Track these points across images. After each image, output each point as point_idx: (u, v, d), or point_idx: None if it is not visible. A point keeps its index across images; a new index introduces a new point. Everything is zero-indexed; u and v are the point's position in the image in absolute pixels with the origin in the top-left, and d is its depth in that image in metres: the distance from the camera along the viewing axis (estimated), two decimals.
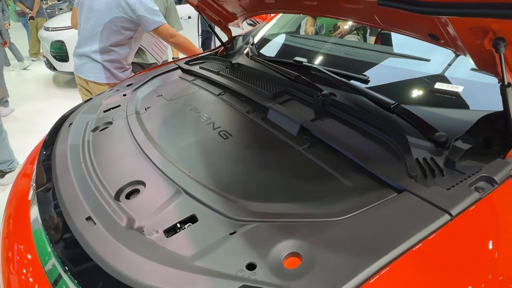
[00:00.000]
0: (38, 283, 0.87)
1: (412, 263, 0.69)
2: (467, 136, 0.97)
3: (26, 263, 0.95)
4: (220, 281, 0.71)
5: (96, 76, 2.39)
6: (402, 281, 0.68)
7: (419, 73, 1.31)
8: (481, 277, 0.68)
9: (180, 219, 0.92)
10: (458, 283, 0.68)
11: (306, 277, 0.69)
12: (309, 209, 0.87)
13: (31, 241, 0.99)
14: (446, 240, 0.72)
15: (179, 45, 2.41)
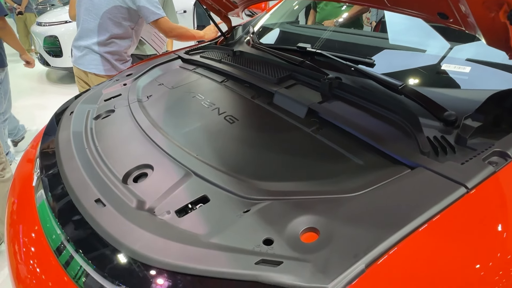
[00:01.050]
0: (48, 266, 0.85)
1: (431, 234, 0.69)
2: (476, 114, 0.97)
3: (34, 247, 0.94)
4: (238, 256, 0.71)
5: (97, 68, 2.37)
6: (422, 251, 0.67)
7: (422, 55, 1.32)
8: (498, 247, 0.68)
9: (191, 199, 0.91)
10: (477, 253, 0.68)
11: (325, 249, 0.68)
12: (322, 187, 0.87)
13: (38, 225, 0.98)
14: (463, 212, 0.72)
15: (179, 37, 2.40)
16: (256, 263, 0.68)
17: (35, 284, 0.85)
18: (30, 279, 0.87)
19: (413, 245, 0.67)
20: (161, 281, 0.71)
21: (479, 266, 0.67)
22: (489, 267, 0.67)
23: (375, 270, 0.64)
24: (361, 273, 0.63)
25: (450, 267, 0.66)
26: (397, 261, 0.66)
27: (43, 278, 0.85)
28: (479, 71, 1.17)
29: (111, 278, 0.73)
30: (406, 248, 0.67)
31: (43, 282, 0.84)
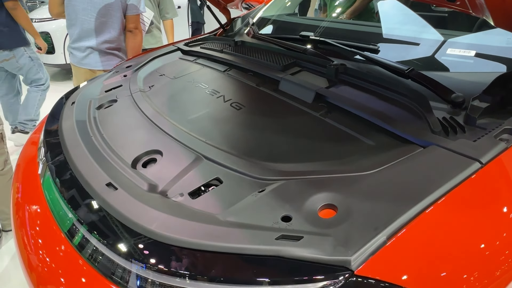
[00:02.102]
0: (62, 250, 0.84)
1: (449, 207, 0.70)
2: (484, 96, 0.98)
3: (45, 233, 0.92)
4: (258, 232, 0.70)
5: (106, 64, 2.34)
6: (441, 223, 0.68)
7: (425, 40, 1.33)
8: None
9: (204, 182, 0.90)
10: (493, 224, 0.69)
11: (345, 224, 0.68)
12: (336, 167, 0.87)
13: (48, 211, 0.96)
14: (479, 186, 0.74)
15: (136, 40, 2.39)
16: (277, 239, 0.68)
17: (49, 270, 0.84)
18: (43, 266, 0.86)
19: (432, 217, 0.68)
20: (180, 259, 0.70)
21: (495, 236, 0.68)
22: (504, 237, 0.68)
23: (396, 242, 0.65)
24: (382, 245, 0.64)
25: (468, 238, 0.67)
26: (417, 233, 0.66)
27: (57, 263, 0.84)
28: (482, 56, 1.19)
29: (128, 258, 0.73)
30: (426, 221, 0.68)
31: (57, 267, 0.82)
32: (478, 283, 0.64)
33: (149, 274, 0.70)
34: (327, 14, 2.51)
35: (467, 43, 1.24)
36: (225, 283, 0.65)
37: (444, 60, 1.25)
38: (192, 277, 0.67)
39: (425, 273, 0.63)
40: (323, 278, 0.62)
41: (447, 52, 1.24)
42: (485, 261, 0.66)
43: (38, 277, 0.85)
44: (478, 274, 0.64)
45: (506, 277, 0.66)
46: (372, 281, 0.61)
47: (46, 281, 0.83)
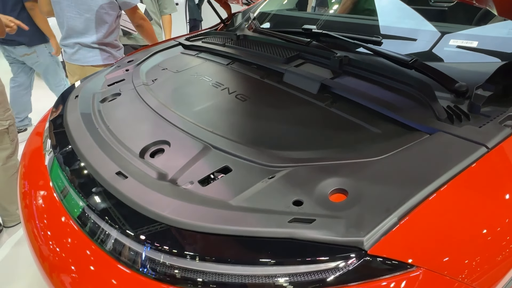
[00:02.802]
0: (74, 238, 0.85)
1: (458, 190, 0.72)
2: (487, 85, 1.00)
3: (56, 222, 0.93)
4: (270, 216, 0.72)
5: (94, 60, 2.34)
6: (451, 205, 0.70)
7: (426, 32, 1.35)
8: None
9: (213, 170, 0.91)
10: (500, 205, 0.70)
11: (356, 207, 0.70)
12: (344, 154, 0.88)
13: (56, 201, 0.97)
14: (486, 169, 0.75)
15: (145, 29, 2.41)
16: (289, 222, 0.69)
17: (61, 259, 0.84)
18: (55, 255, 0.86)
19: (441, 199, 0.70)
20: (194, 243, 0.71)
21: (502, 217, 0.69)
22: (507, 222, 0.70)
23: (407, 222, 0.66)
24: (394, 225, 0.65)
25: (476, 218, 0.68)
26: (426, 214, 0.68)
27: (69, 250, 0.84)
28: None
29: (142, 243, 0.74)
30: (435, 203, 0.69)
31: (70, 255, 0.83)
32: (480, 267, 0.65)
33: (163, 258, 0.70)
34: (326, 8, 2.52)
35: (469, 34, 1.26)
36: (239, 264, 0.66)
37: (446, 51, 1.26)
38: (207, 260, 0.68)
39: (434, 252, 0.64)
40: (337, 258, 0.63)
41: (449, 43, 1.26)
42: (488, 245, 0.68)
43: (51, 266, 0.85)
44: (480, 258, 0.66)
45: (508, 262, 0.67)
46: (385, 260, 0.62)
47: (59, 269, 0.83)
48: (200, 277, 0.67)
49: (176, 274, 0.68)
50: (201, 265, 0.67)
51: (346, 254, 0.63)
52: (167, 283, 0.68)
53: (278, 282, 0.63)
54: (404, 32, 1.46)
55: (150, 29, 2.44)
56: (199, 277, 0.67)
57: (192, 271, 0.67)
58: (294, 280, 0.63)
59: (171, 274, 0.69)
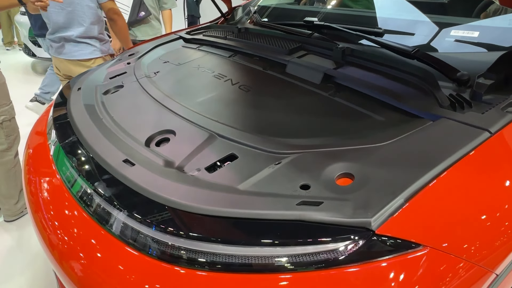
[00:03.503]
0: (83, 225, 0.86)
1: (462, 172, 0.73)
2: (488, 73, 1.01)
3: (65, 210, 0.94)
4: (278, 199, 0.73)
5: (79, 54, 2.32)
6: (455, 187, 0.71)
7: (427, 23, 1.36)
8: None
9: (220, 157, 0.92)
10: (503, 188, 0.72)
11: (363, 189, 0.71)
12: (349, 140, 0.90)
13: (64, 190, 0.97)
14: (489, 153, 0.77)
15: (117, 25, 2.36)
16: (297, 204, 0.70)
17: (71, 246, 0.85)
18: (64, 243, 0.87)
19: (447, 181, 0.71)
20: (203, 226, 0.72)
21: (505, 199, 0.71)
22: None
23: (413, 204, 0.67)
24: (401, 206, 0.67)
25: (481, 200, 0.70)
26: (433, 196, 0.69)
27: (80, 237, 0.85)
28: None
29: (152, 227, 0.75)
30: (440, 185, 0.71)
31: (81, 242, 0.84)
32: (485, 247, 0.67)
33: (173, 241, 0.71)
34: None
35: (470, 25, 1.27)
36: (249, 246, 0.67)
37: (448, 42, 1.28)
38: (217, 242, 0.69)
39: (440, 232, 0.66)
40: (345, 238, 0.64)
41: (450, 33, 1.27)
42: (493, 225, 0.69)
43: (61, 254, 0.86)
44: (485, 238, 0.67)
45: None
46: (392, 239, 0.64)
47: (69, 257, 0.84)
48: (211, 258, 0.68)
49: (188, 256, 0.69)
50: (212, 247, 0.69)
51: (354, 234, 0.64)
52: (179, 265, 0.69)
53: (287, 262, 0.64)
54: (405, 23, 1.47)
55: (122, 25, 2.39)
56: (210, 258, 0.68)
57: (202, 253, 0.69)
58: (303, 260, 0.64)
59: (183, 256, 0.70)
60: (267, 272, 0.64)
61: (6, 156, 2.05)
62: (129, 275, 0.71)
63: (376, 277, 0.61)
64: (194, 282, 0.67)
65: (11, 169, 2.09)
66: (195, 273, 0.67)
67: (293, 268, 0.64)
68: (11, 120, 2.04)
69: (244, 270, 0.65)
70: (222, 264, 0.67)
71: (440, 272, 0.62)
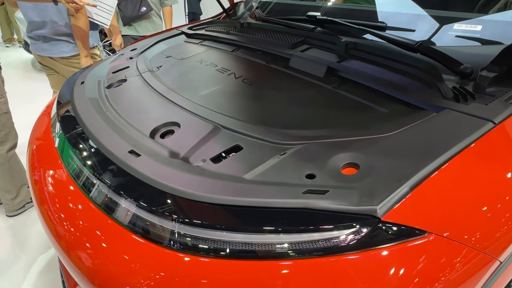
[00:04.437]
0: (90, 215, 0.86)
1: (466, 162, 0.74)
2: (492, 66, 1.02)
3: (71, 202, 0.94)
4: (284, 188, 0.73)
5: (59, 51, 2.27)
6: (459, 176, 0.72)
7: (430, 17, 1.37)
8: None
9: (225, 148, 0.93)
10: (506, 177, 0.73)
11: (368, 178, 0.72)
12: (353, 131, 0.90)
13: (70, 181, 0.98)
14: (493, 143, 0.77)
15: (79, 23, 2.17)
16: (303, 193, 0.71)
17: (78, 237, 0.85)
18: (70, 234, 0.87)
19: (452, 170, 0.72)
20: (210, 214, 0.73)
21: (508, 189, 0.72)
22: None
23: (419, 192, 0.68)
24: (406, 194, 0.67)
25: (486, 188, 0.71)
26: (438, 184, 0.70)
27: (87, 228, 0.86)
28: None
29: (160, 216, 0.75)
30: (444, 174, 0.71)
31: (88, 232, 0.84)
32: (490, 234, 0.67)
33: (180, 228, 0.72)
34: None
35: (473, 19, 1.27)
36: (255, 233, 0.68)
37: (450, 36, 1.28)
38: (224, 229, 0.69)
39: (446, 220, 0.66)
40: (351, 225, 0.65)
41: (454, 27, 1.28)
42: (498, 213, 0.70)
43: (68, 245, 0.86)
44: (491, 226, 0.68)
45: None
46: (398, 226, 0.64)
47: (77, 247, 0.84)
48: (218, 245, 0.69)
49: (193, 243, 0.70)
50: (219, 234, 0.69)
51: (360, 221, 0.65)
52: (184, 252, 0.69)
53: (292, 249, 0.65)
54: (408, 18, 1.48)
55: (83, 23, 2.20)
56: (217, 245, 0.69)
57: (210, 240, 0.69)
58: (309, 247, 0.65)
59: (189, 243, 0.70)
60: (272, 258, 0.65)
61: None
62: (136, 263, 0.72)
63: (381, 263, 0.62)
64: (199, 268, 0.67)
65: (4, 164, 2.09)
66: (198, 259, 0.68)
67: (298, 255, 0.64)
68: (1, 115, 2.02)
69: (249, 257, 0.66)
70: (230, 251, 0.67)
71: (445, 258, 0.63)
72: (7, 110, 2.08)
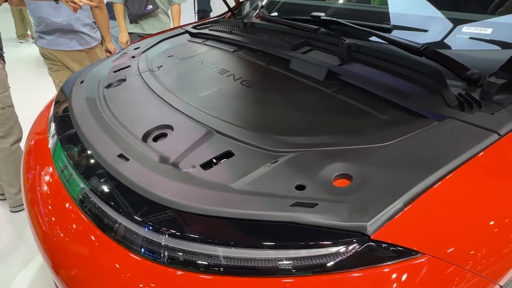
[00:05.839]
0: (75, 219, 0.84)
1: (466, 176, 0.69)
2: (501, 72, 0.96)
3: (58, 204, 0.92)
4: (272, 199, 0.70)
5: (70, 45, 2.36)
6: (458, 192, 0.67)
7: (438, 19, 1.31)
8: None
9: (216, 154, 0.90)
10: (510, 194, 0.68)
11: (361, 191, 0.68)
12: (350, 139, 0.86)
13: (59, 183, 0.96)
14: (497, 157, 0.72)
15: (103, 12, 2.42)
16: (291, 206, 0.68)
17: (63, 240, 0.84)
18: (54, 237, 0.86)
19: (450, 186, 0.67)
20: (194, 225, 0.70)
21: (511, 207, 0.67)
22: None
23: (413, 208, 0.64)
24: (399, 211, 0.63)
25: (486, 207, 0.66)
26: (434, 201, 0.65)
27: (71, 232, 0.84)
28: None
29: (142, 225, 0.73)
30: (443, 189, 0.67)
31: (71, 236, 0.82)
32: (488, 257, 0.63)
33: (164, 240, 0.69)
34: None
35: (484, 22, 1.21)
36: (239, 247, 0.64)
37: (459, 39, 1.22)
38: (207, 242, 0.66)
39: (441, 240, 0.62)
40: (339, 243, 0.61)
41: (462, 30, 1.22)
42: (497, 235, 0.65)
43: (54, 249, 0.85)
44: (489, 248, 0.63)
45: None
46: (389, 246, 0.60)
47: (60, 251, 0.83)
48: (200, 259, 0.66)
49: (177, 256, 0.67)
50: (201, 247, 0.66)
51: (348, 239, 0.61)
52: (166, 265, 0.67)
53: (278, 265, 0.62)
54: (415, 19, 1.42)
55: (106, 14, 2.47)
56: (199, 259, 0.65)
57: (191, 253, 0.66)
58: (294, 264, 0.61)
59: (172, 256, 0.68)
60: (251, 275, 0.61)
61: (1, 144, 2.05)
62: (117, 273, 0.70)
63: (368, 285, 0.58)
64: (176, 282, 0.64)
65: (8, 157, 2.09)
66: (175, 273, 0.65)
67: (276, 273, 0.61)
68: (5, 109, 2.03)
69: (226, 272, 0.63)
70: (212, 265, 0.64)
71: (440, 282, 0.59)
72: (11, 104, 2.09)
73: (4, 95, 2.03)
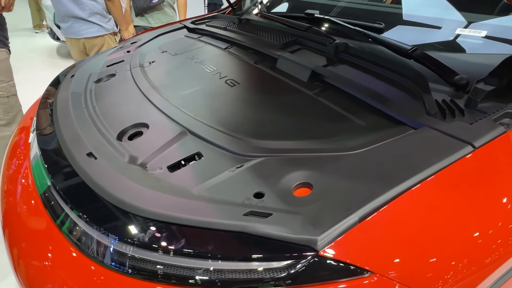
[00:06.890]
0: (36, 215, 0.84)
1: (431, 191, 0.65)
2: (490, 78, 0.91)
3: (25, 196, 0.92)
4: (227, 207, 0.68)
5: (87, 32, 2.50)
6: (420, 208, 0.63)
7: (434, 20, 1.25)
8: (502, 205, 0.64)
9: (185, 156, 0.88)
10: (477, 211, 0.63)
11: (318, 203, 0.65)
12: (320, 145, 0.83)
13: (31, 177, 0.96)
14: (468, 170, 0.68)
15: (116, 6, 2.54)
16: (245, 215, 0.65)
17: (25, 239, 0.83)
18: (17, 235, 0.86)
19: (412, 200, 0.64)
20: (145, 230, 0.68)
21: (477, 225, 0.62)
22: (488, 233, 0.63)
23: (369, 223, 0.60)
24: (353, 225, 0.60)
25: (448, 224, 0.62)
26: (393, 216, 0.62)
27: (33, 230, 0.84)
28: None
29: (96, 227, 0.71)
30: (404, 204, 0.63)
31: (33, 235, 0.82)
32: (448, 280, 0.58)
33: (112, 243, 0.68)
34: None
35: (478, 23, 1.15)
36: (186, 256, 0.62)
37: (452, 42, 1.16)
38: (156, 249, 0.65)
39: (395, 259, 0.58)
40: (286, 256, 0.58)
41: (455, 32, 1.16)
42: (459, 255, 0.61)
43: (11, 243, 0.85)
44: (449, 269, 0.59)
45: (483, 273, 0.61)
46: (338, 263, 0.57)
47: (19, 247, 0.83)
48: (147, 266, 0.64)
49: (125, 261, 0.66)
50: (146, 253, 0.64)
51: (295, 253, 0.58)
52: (111, 269, 0.65)
53: (223, 277, 0.59)
54: (416, 18, 1.36)
55: (119, 5, 2.57)
56: (145, 265, 0.64)
57: (135, 258, 0.65)
58: (240, 277, 0.59)
59: (120, 260, 0.66)
60: (187, 285, 0.59)
61: (4, 131, 2.07)
62: (65, 273, 0.69)
63: None
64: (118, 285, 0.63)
65: None
66: (124, 278, 0.63)
67: (219, 285, 0.58)
68: (10, 97, 2.05)
69: (163, 281, 0.61)
70: (157, 273, 0.63)
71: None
72: (15, 93, 2.12)
73: (9, 84, 2.07)
